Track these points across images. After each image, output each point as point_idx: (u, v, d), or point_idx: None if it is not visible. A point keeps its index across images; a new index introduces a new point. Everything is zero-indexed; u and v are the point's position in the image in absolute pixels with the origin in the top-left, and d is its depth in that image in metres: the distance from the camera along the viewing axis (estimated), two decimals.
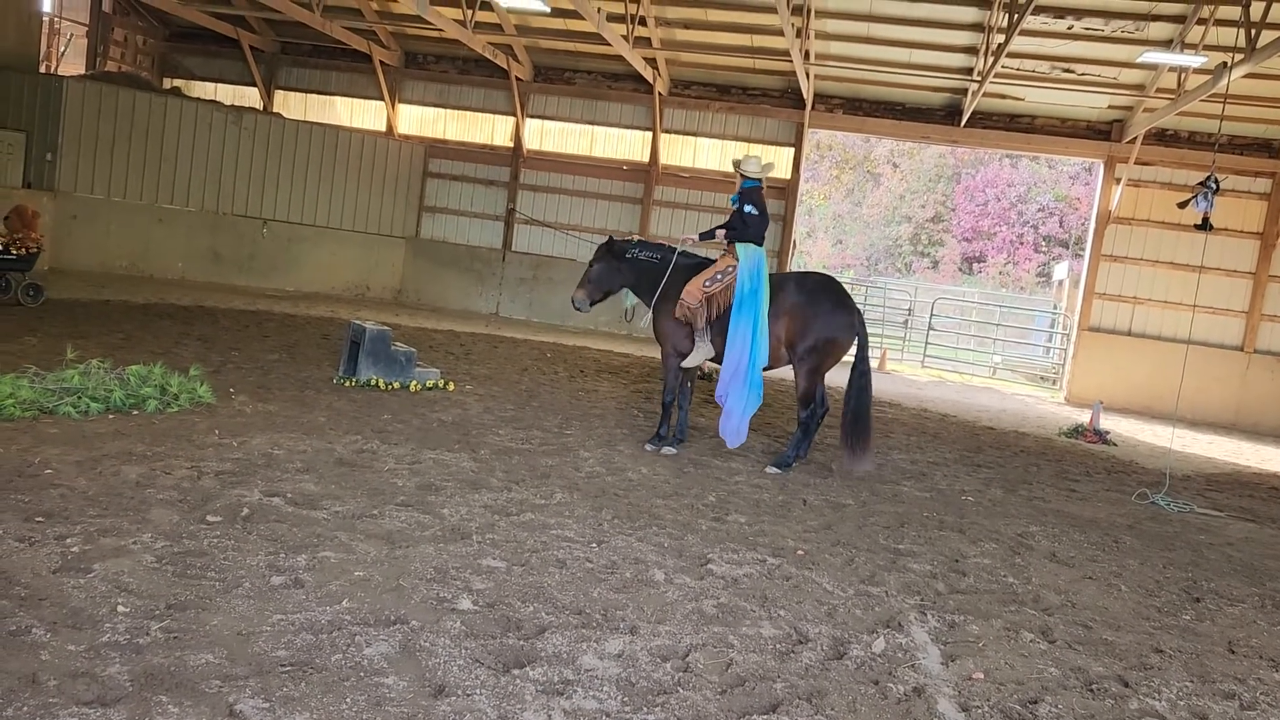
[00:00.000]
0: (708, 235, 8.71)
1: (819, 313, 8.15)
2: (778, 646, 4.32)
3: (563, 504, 6.18)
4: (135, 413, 7.11)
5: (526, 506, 6.01)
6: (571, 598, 4.55)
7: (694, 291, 8.16)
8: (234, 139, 18.10)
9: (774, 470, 8.02)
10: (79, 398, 6.95)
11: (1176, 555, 6.95)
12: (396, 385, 9.55)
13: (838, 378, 8.90)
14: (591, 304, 8.69)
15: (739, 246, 8.24)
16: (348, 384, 9.44)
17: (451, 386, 10.02)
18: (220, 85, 21.00)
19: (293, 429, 7.27)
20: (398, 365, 9.68)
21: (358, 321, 9.95)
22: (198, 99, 19.11)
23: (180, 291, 15.73)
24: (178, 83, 20.96)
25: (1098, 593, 5.78)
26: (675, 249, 8.60)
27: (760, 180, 8.44)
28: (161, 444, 6.34)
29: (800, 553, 5.78)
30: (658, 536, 5.72)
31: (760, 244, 8.33)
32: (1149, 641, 4.99)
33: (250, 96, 20.65)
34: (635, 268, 8.58)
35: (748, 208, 8.25)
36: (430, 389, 9.77)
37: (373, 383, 9.46)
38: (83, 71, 19.59)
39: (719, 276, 8.21)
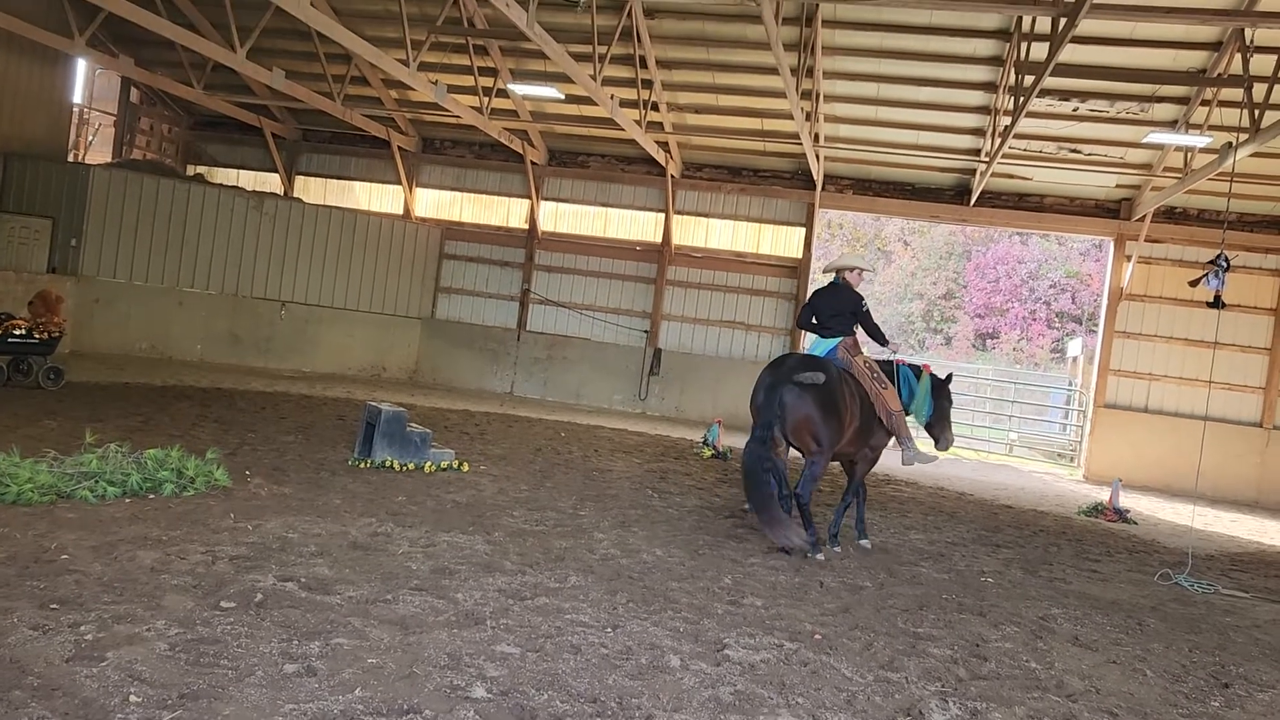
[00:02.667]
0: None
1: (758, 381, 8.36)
2: None
3: (577, 587, 6.13)
4: (152, 496, 7.14)
5: (541, 590, 5.96)
6: (586, 685, 4.49)
7: None
8: (254, 223, 18.47)
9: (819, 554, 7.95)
10: (96, 482, 6.99)
11: (1202, 638, 6.81)
12: (411, 466, 9.56)
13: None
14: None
15: None
16: (363, 465, 9.46)
17: (466, 467, 10.02)
18: (242, 171, 21.53)
19: (307, 512, 7.27)
20: (412, 446, 9.70)
21: (373, 403, 10.01)
22: (219, 185, 19.56)
23: (199, 373, 15.89)
24: (201, 169, 21.51)
25: (1122, 678, 5.66)
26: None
27: (834, 275, 8.86)
28: (177, 528, 6.35)
29: (818, 637, 5.70)
30: (673, 621, 5.66)
31: (820, 333, 8.69)
32: None
33: (271, 182, 21.13)
34: None
35: None
36: (445, 470, 9.78)
37: (387, 464, 9.48)
38: (110, 159, 20.13)
39: None
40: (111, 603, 4.83)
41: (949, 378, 9.50)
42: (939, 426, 9.24)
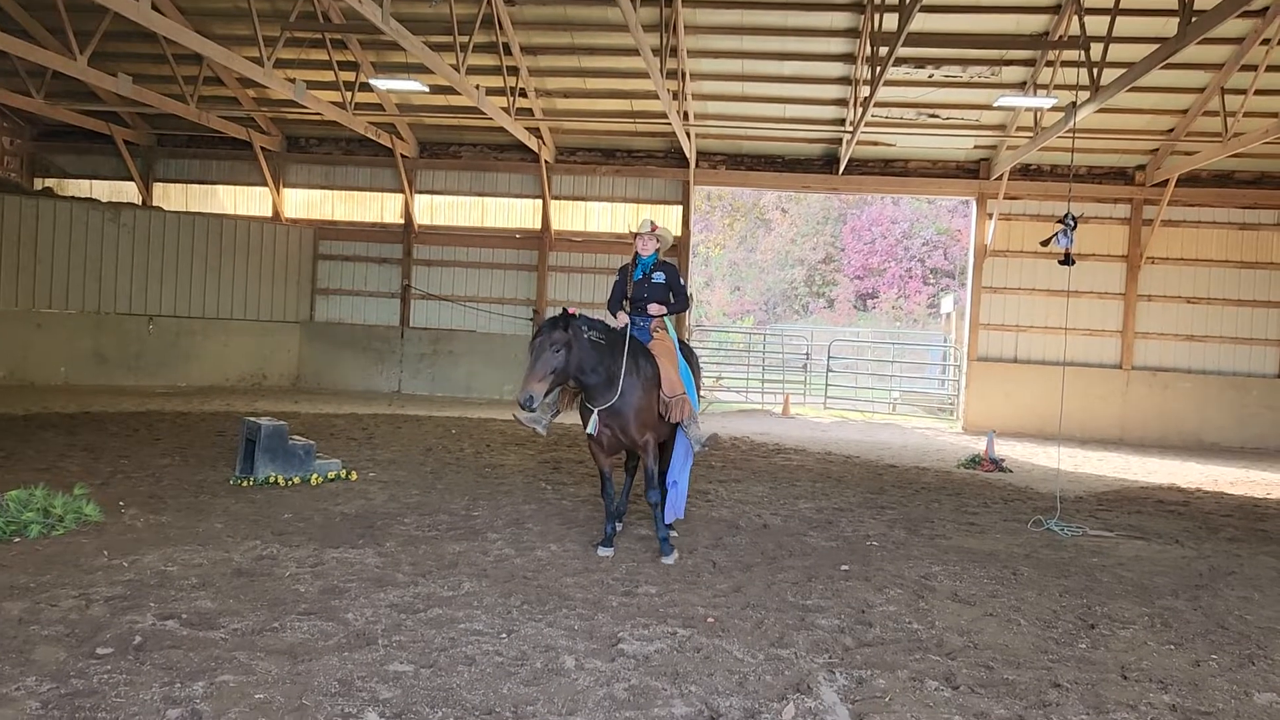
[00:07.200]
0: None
1: None
2: None
3: (471, 594, 6.12)
4: (16, 540, 6.81)
5: (434, 601, 5.93)
6: (481, 697, 4.50)
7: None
8: (112, 236, 17.67)
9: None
10: None
11: (1071, 582, 7.22)
12: (296, 480, 9.35)
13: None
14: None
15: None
16: (245, 484, 9.21)
17: (354, 476, 9.86)
18: (95, 181, 20.48)
19: (188, 540, 7.06)
20: (296, 459, 9.48)
21: (252, 418, 9.74)
22: (71, 198, 18.62)
23: (64, 398, 15.17)
24: (50, 182, 20.37)
25: (998, 629, 5.96)
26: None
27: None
28: (46, 572, 6.08)
29: (710, 620, 5.83)
30: (568, 619, 5.71)
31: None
32: (1047, 676, 5.16)
33: (128, 191, 20.19)
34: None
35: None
36: (332, 480, 9.60)
37: (271, 480, 9.25)
38: None
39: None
40: None
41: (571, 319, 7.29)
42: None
